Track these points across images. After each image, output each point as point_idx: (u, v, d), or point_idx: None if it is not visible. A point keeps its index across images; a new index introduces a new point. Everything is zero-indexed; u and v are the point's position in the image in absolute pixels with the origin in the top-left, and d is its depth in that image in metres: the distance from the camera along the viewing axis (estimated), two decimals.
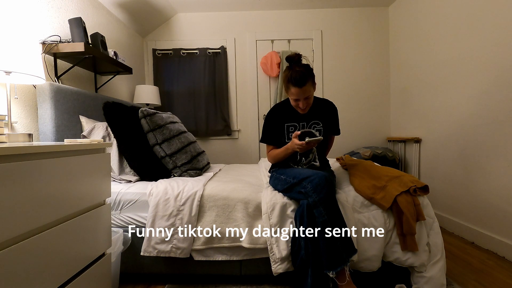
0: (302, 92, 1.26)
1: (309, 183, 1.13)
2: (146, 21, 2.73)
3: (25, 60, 1.21)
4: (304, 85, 1.24)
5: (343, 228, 1.09)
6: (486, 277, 1.37)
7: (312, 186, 1.12)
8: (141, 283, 1.36)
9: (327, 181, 1.13)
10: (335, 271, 1.05)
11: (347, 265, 1.07)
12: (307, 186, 1.13)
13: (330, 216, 1.09)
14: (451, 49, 1.98)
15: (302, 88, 1.24)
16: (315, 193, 1.11)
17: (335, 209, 1.11)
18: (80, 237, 0.87)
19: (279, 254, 1.17)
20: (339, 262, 1.05)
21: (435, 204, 2.15)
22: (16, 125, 1.41)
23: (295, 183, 1.20)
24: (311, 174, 1.16)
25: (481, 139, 1.74)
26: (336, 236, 1.07)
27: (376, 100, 2.91)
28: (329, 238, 1.07)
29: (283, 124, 1.41)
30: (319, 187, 1.11)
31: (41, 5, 1.58)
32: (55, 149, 0.79)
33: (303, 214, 1.13)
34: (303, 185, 1.15)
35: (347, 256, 1.07)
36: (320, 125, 1.39)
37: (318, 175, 1.14)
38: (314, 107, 1.40)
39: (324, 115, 1.41)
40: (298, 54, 1.34)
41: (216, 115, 2.89)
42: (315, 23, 2.89)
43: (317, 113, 1.41)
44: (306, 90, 1.25)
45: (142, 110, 1.58)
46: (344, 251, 1.07)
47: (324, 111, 1.43)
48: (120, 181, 1.49)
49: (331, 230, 1.07)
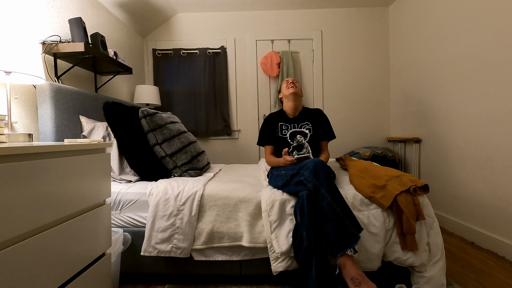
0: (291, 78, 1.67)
1: (307, 169, 1.19)
2: (146, 21, 2.73)
3: (25, 60, 1.21)
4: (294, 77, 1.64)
5: (346, 206, 1.12)
6: (486, 277, 1.37)
7: (309, 171, 1.17)
8: (141, 283, 1.36)
9: (323, 165, 1.19)
10: (352, 247, 1.05)
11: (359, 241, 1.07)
12: (305, 172, 1.19)
13: (333, 197, 1.11)
14: (451, 49, 1.98)
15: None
16: (314, 177, 1.14)
17: (335, 190, 1.15)
18: (80, 237, 0.87)
19: (279, 249, 1.17)
20: (353, 239, 1.05)
21: (435, 204, 2.15)
22: (16, 125, 1.41)
23: (294, 174, 1.25)
24: (307, 162, 1.25)
25: (481, 139, 1.74)
26: (343, 214, 1.08)
27: (376, 100, 2.91)
28: (338, 218, 1.07)
29: (277, 123, 1.63)
30: (316, 171, 1.16)
31: (41, 5, 1.58)
32: (55, 149, 0.79)
33: (303, 205, 1.14)
34: (301, 173, 1.21)
35: (358, 232, 1.08)
36: (309, 125, 1.58)
37: (313, 160, 1.22)
38: (304, 113, 1.65)
39: (313, 119, 1.61)
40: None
41: (216, 115, 2.89)
42: (315, 23, 2.89)
43: (306, 117, 1.63)
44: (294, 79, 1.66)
45: (142, 110, 1.58)
46: (353, 228, 1.08)
47: (313, 116, 1.64)
48: (120, 181, 1.49)
49: (338, 209, 1.08)
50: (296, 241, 1.15)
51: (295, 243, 1.16)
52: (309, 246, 1.09)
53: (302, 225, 1.12)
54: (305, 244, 1.10)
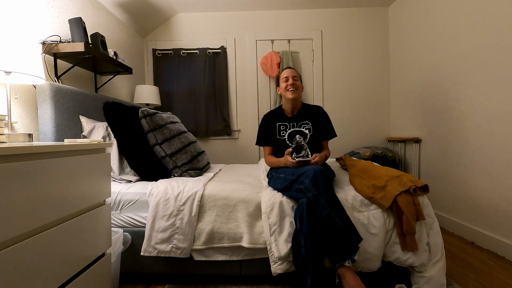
0: (291, 72, 1.54)
1: (306, 178, 1.17)
2: (146, 21, 2.73)
3: (25, 60, 1.21)
4: (293, 69, 1.56)
5: (346, 216, 1.11)
6: (486, 277, 1.37)
7: (309, 179, 1.15)
8: (141, 283, 1.36)
9: (324, 174, 1.17)
10: (350, 259, 1.05)
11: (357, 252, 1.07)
12: (305, 181, 1.16)
13: (332, 207, 1.10)
14: (451, 49, 1.98)
15: (292, 69, 1.56)
16: (314, 187, 1.13)
17: (335, 200, 1.14)
18: (80, 237, 0.87)
19: (278, 253, 1.17)
20: (352, 250, 1.06)
21: (435, 204, 2.15)
22: (16, 125, 1.41)
23: (294, 180, 1.23)
24: (307, 169, 1.21)
25: (481, 139, 1.74)
26: (343, 225, 1.08)
27: (376, 100, 2.91)
28: (337, 228, 1.07)
29: (275, 123, 1.57)
30: (316, 179, 1.14)
31: (41, 5, 1.58)
32: (55, 149, 0.79)
33: (302, 213, 1.13)
34: (301, 180, 1.19)
35: (357, 243, 1.08)
36: (309, 125, 1.53)
37: (314, 169, 1.19)
38: (303, 111, 1.58)
39: (314, 118, 1.55)
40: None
41: (216, 115, 2.89)
42: (315, 23, 2.89)
43: (306, 115, 1.56)
44: (294, 72, 1.54)
45: (142, 110, 1.58)
46: (353, 238, 1.08)
47: (313, 114, 1.57)
48: (120, 181, 1.49)
49: (337, 220, 1.08)
50: (295, 247, 1.15)
51: (294, 248, 1.16)
52: (306, 254, 1.09)
53: (301, 232, 1.12)
54: (303, 252, 1.10)
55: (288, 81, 1.51)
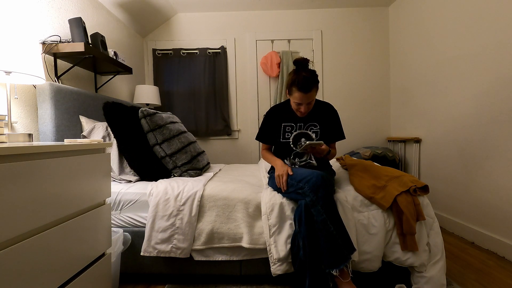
0: (306, 98, 1.25)
1: (306, 184, 1.15)
2: (146, 21, 2.73)
3: (25, 60, 1.20)
4: (309, 91, 1.24)
5: (342, 226, 1.10)
6: (486, 277, 1.37)
7: (309, 186, 1.13)
8: (141, 283, 1.36)
9: (324, 181, 1.14)
10: (338, 268, 1.06)
11: (349, 262, 1.08)
12: (304, 186, 1.15)
13: (328, 214, 1.09)
14: (451, 49, 1.98)
15: (307, 94, 1.24)
16: (312, 193, 1.12)
17: (333, 207, 1.12)
18: (80, 237, 0.87)
19: (277, 255, 1.17)
20: (342, 259, 1.06)
21: (435, 204, 2.15)
22: (16, 125, 1.41)
23: (293, 184, 1.21)
24: (308, 174, 1.17)
25: (481, 139, 1.74)
26: (337, 233, 1.08)
27: (376, 100, 2.91)
28: (331, 236, 1.07)
29: (280, 123, 1.41)
30: (316, 187, 1.12)
31: (41, 5, 1.58)
32: (55, 149, 0.79)
33: (301, 215, 1.13)
34: (300, 185, 1.17)
35: (348, 253, 1.08)
36: (317, 127, 1.38)
37: (315, 175, 1.15)
38: (313, 110, 1.39)
39: (323, 118, 1.40)
40: (306, 59, 1.30)
41: (216, 115, 2.89)
42: (315, 23, 2.89)
43: (315, 115, 1.39)
44: (310, 96, 1.25)
45: (142, 110, 1.58)
46: (345, 248, 1.07)
47: (323, 114, 1.41)
48: (120, 181, 1.49)
49: (332, 228, 1.08)
50: (294, 248, 1.15)
51: (293, 250, 1.16)
52: (304, 256, 1.09)
53: (300, 233, 1.12)
54: (301, 254, 1.10)
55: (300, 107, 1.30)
